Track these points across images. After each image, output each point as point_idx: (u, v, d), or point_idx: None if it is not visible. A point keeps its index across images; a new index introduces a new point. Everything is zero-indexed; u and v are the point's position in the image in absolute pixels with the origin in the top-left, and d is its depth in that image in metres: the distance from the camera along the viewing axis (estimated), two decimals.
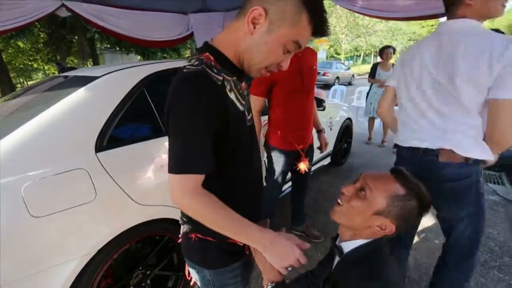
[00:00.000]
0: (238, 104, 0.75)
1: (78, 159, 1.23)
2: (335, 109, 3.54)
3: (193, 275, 0.92)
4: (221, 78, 0.70)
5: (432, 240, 2.34)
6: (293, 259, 0.74)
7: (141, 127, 1.54)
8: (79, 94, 1.35)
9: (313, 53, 1.82)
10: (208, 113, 0.66)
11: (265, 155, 1.98)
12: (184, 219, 0.85)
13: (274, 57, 0.71)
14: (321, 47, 17.80)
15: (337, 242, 0.90)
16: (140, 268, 1.47)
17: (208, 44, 0.76)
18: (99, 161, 1.28)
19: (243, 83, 0.81)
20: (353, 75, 16.56)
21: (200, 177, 0.69)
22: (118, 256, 1.42)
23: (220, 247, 0.81)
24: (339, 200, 0.85)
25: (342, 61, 20.16)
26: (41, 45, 11.37)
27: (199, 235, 0.82)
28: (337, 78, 14.34)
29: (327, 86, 11.22)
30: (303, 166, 1.91)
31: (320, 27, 0.69)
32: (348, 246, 0.85)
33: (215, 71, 0.69)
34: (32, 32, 8.90)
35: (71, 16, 3.12)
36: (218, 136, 0.70)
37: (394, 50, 4.50)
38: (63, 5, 2.76)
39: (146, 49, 9.84)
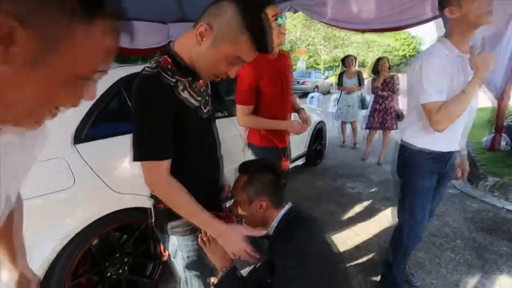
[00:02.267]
0: (192, 101, 0.87)
1: (57, 150, 1.33)
2: (309, 113, 3.75)
3: (164, 243, 1.04)
4: (173, 80, 0.81)
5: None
6: (238, 250, 0.89)
7: (117, 123, 1.65)
8: None
9: (286, 57, 1.93)
10: (160, 109, 0.78)
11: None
12: (152, 193, 0.98)
13: (219, 67, 0.82)
14: (301, 58, 18.41)
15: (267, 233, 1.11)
16: (117, 254, 1.55)
17: (168, 47, 0.87)
18: (78, 151, 1.39)
19: (200, 81, 0.92)
20: (331, 84, 17.13)
21: (164, 164, 0.82)
22: (95, 242, 1.51)
23: None
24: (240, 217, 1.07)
25: (321, 71, 20.85)
26: None
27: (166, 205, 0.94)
28: (316, 87, 14.82)
29: (305, 95, 11.63)
30: (284, 164, 2.03)
31: (261, 46, 0.79)
32: (270, 231, 1.05)
33: (169, 73, 0.81)
34: None
35: None
36: (175, 127, 0.83)
37: (355, 58, 4.92)
38: None
39: (127, 57, 9.84)
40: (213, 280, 1.44)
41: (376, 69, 4.15)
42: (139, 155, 0.81)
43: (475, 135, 4.56)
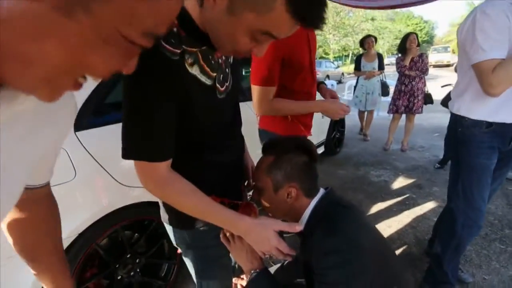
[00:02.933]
0: (204, 79, 0.65)
1: None
2: None
3: (173, 239, 0.86)
4: (179, 51, 0.58)
5: (432, 219, 2.30)
6: (269, 248, 0.72)
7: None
8: None
9: None
10: (158, 96, 0.58)
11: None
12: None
13: (238, 43, 0.56)
14: None
15: None
16: (128, 255, 1.39)
17: None
18: (78, 140, 1.21)
19: (218, 52, 0.68)
20: (342, 73, 16.71)
21: (161, 165, 0.63)
22: (103, 242, 1.34)
23: None
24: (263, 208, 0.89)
25: (331, 61, 20.33)
26: None
27: None
28: (327, 76, 14.41)
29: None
30: None
31: (307, 17, 0.51)
32: (302, 224, 0.85)
33: (174, 41, 0.57)
34: None
35: None
36: (181, 114, 0.64)
37: (376, 38, 4.26)
38: None
39: None
40: (239, 282, 1.26)
41: (403, 47, 3.58)
42: (129, 152, 0.62)
43: None
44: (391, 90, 4.07)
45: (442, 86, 3.40)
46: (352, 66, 5.13)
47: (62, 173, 1.14)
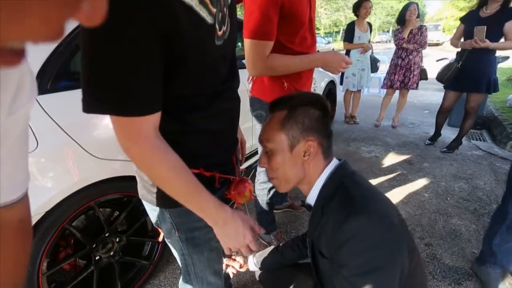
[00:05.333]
0: (203, 13, 0.50)
1: None
2: (319, 73, 3.34)
3: (153, 219, 0.74)
4: None
5: (422, 194, 2.29)
6: (241, 244, 0.66)
7: None
8: None
9: None
10: (139, 25, 0.42)
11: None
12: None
13: None
14: None
15: (306, 202, 0.82)
16: (107, 234, 1.27)
17: None
18: (40, 104, 1.04)
19: None
20: (333, 49, 16.44)
21: (148, 120, 0.49)
22: (78, 220, 1.21)
23: None
24: (271, 177, 0.80)
25: (322, 36, 19.85)
26: None
27: None
28: (317, 51, 14.10)
29: None
30: None
31: None
32: (312, 197, 0.77)
33: None
34: None
35: None
36: (167, 59, 0.48)
37: (371, 4, 3.66)
38: None
39: None
40: (231, 263, 1.17)
41: (402, 18, 3.32)
42: (99, 104, 0.46)
43: (499, 94, 4.19)
44: (380, 66, 3.84)
45: (437, 60, 3.29)
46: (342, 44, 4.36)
47: None
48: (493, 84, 2.62)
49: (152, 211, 0.71)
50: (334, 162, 0.77)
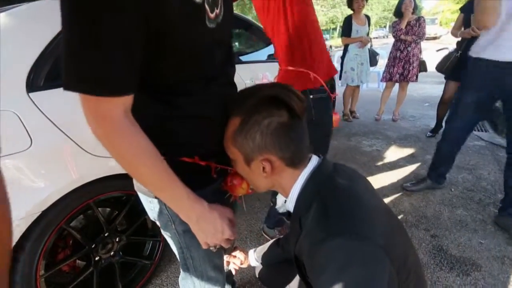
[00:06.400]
0: None
1: (4, 100, 0.96)
2: None
3: (149, 212, 0.72)
4: None
5: None
6: (219, 240, 0.63)
7: None
8: (4, 19, 1.04)
9: None
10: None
11: None
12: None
13: None
14: None
15: (286, 207, 0.73)
16: (106, 234, 1.24)
17: None
18: (33, 102, 1.01)
19: None
20: (330, 47, 16.35)
21: (118, 101, 0.46)
22: (76, 221, 1.19)
23: (172, 167, 0.56)
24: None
25: None
26: None
27: None
28: None
29: None
30: (334, 118, 1.43)
31: None
32: (290, 204, 0.67)
33: None
34: None
35: None
36: (152, 36, 0.45)
37: None
38: None
39: None
40: (231, 259, 1.14)
41: (399, 10, 3.30)
42: (70, 80, 0.43)
43: None
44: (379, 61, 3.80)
45: (438, 50, 3.26)
46: (340, 40, 4.27)
47: (15, 141, 0.95)
48: None
49: (148, 203, 0.69)
50: (311, 165, 0.66)
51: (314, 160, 0.68)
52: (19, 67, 1.03)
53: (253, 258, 1.14)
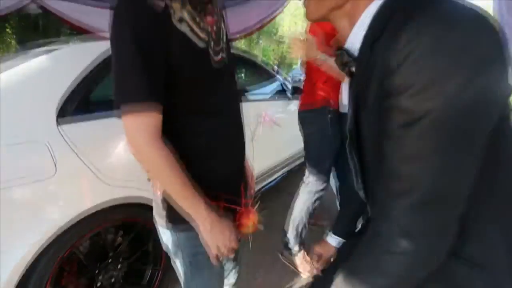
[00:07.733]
0: (196, 39, 0.63)
1: (37, 131, 1.09)
2: None
3: (163, 242, 0.80)
4: (162, 5, 0.57)
5: None
6: (227, 247, 0.70)
7: (110, 100, 1.40)
8: (39, 61, 1.22)
9: None
10: (144, 39, 0.56)
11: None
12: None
13: None
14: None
15: (344, 46, 0.52)
16: (110, 260, 1.30)
17: None
18: (61, 134, 1.14)
19: (208, 17, 0.67)
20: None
21: (150, 116, 0.58)
22: (83, 246, 1.25)
23: None
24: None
25: None
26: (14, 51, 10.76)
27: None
28: None
29: None
30: None
31: None
32: (354, 38, 0.48)
33: None
34: (2, 39, 8.44)
35: (43, 17, 2.72)
36: (167, 73, 0.61)
37: None
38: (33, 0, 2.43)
39: None
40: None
41: None
42: (118, 97, 0.59)
43: None
44: None
45: None
46: None
47: (42, 169, 1.07)
48: None
49: (163, 234, 0.78)
50: None
51: None
52: (52, 104, 1.17)
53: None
